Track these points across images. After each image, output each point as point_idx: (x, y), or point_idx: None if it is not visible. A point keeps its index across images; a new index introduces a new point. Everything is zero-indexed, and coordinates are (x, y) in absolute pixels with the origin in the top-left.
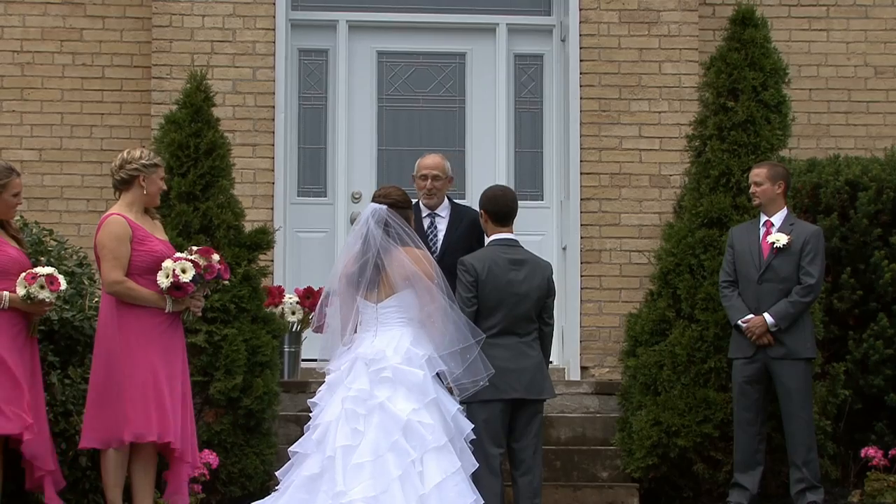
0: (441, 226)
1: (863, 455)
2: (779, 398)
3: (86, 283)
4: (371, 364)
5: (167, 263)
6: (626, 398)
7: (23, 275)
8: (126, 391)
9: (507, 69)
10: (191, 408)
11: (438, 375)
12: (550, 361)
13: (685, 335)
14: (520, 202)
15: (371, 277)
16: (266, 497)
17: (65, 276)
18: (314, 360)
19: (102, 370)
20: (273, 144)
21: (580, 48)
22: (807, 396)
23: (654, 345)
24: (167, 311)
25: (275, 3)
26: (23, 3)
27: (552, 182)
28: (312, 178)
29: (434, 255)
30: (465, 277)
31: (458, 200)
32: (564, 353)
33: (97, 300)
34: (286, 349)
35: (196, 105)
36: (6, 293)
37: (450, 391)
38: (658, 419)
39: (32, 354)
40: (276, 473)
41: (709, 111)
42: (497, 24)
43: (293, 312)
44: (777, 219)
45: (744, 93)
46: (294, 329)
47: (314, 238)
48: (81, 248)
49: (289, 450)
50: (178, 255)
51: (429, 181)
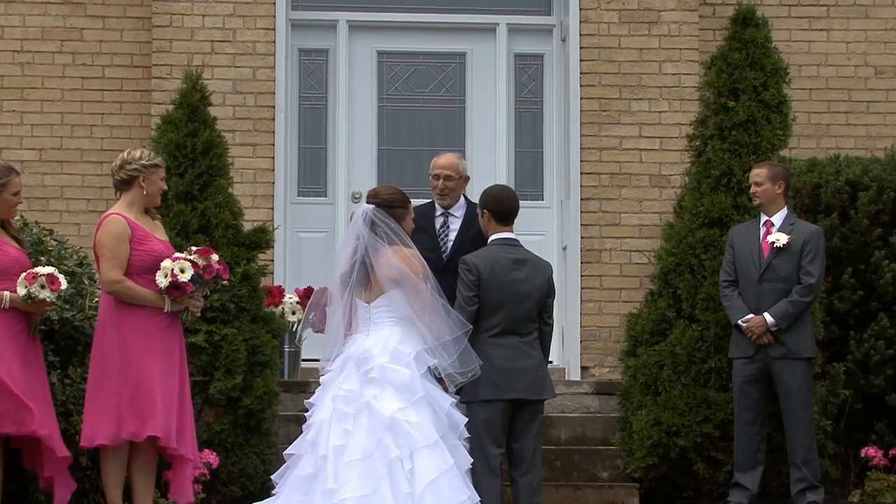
0: (454, 225)
1: (863, 455)
2: (779, 398)
3: (86, 283)
4: (360, 364)
5: (166, 263)
6: (627, 398)
7: (23, 275)
8: (121, 391)
9: (508, 69)
10: (190, 407)
11: (431, 371)
12: (550, 361)
13: (685, 335)
14: (521, 201)
15: (361, 277)
16: (265, 500)
17: (65, 276)
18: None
19: (100, 369)
20: (273, 144)
21: (580, 48)
22: (807, 396)
23: (655, 345)
24: (166, 311)
25: (275, 3)
26: (23, 3)
27: (552, 182)
28: (312, 178)
29: (444, 255)
30: (467, 276)
31: None
32: (565, 353)
33: (97, 300)
34: (286, 349)
35: (192, 105)
36: (7, 293)
37: (441, 383)
38: (658, 419)
39: (36, 354)
40: (272, 477)
41: (709, 111)
42: (497, 24)
43: (293, 312)
44: (777, 219)
45: (744, 93)
46: (294, 329)
47: (314, 238)
48: (82, 248)
49: (284, 452)
50: (177, 255)
51: (441, 181)
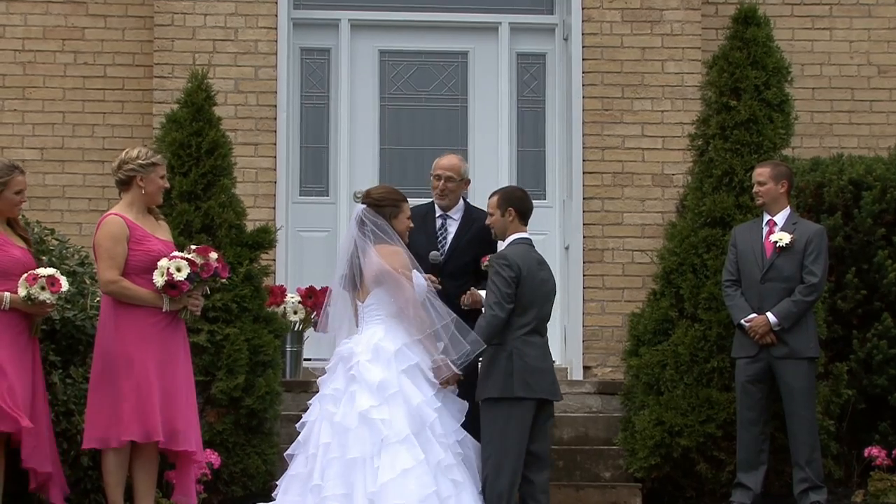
0: (451, 228)
1: (866, 455)
2: (782, 398)
3: (87, 283)
4: (345, 363)
5: (162, 262)
6: (629, 398)
7: (24, 276)
8: (121, 391)
9: (510, 68)
10: (194, 407)
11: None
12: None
13: (688, 335)
14: None
15: (352, 277)
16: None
17: (66, 276)
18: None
19: (100, 369)
20: (275, 143)
21: (583, 47)
22: (810, 396)
23: (657, 344)
24: (164, 311)
25: (277, 2)
26: (24, 2)
27: (554, 181)
28: (314, 178)
29: (441, 258)
30: (507, 273)
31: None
32: (567, 353)
33: (98, 299)
34: (288, 349)
35: (197, 104)
36: (7, 294)
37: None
38: (661, 419)
39: (34, 356)
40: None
41: (711, 110)
42: (499, 23)
43: (295, 312)
44: (780, 218)
45: (746, 92)
46: (296, 328)
47: (316, 237)
48: (83, 248)
49: (286, 454)
50: (175, 254)
51: (441, 182)
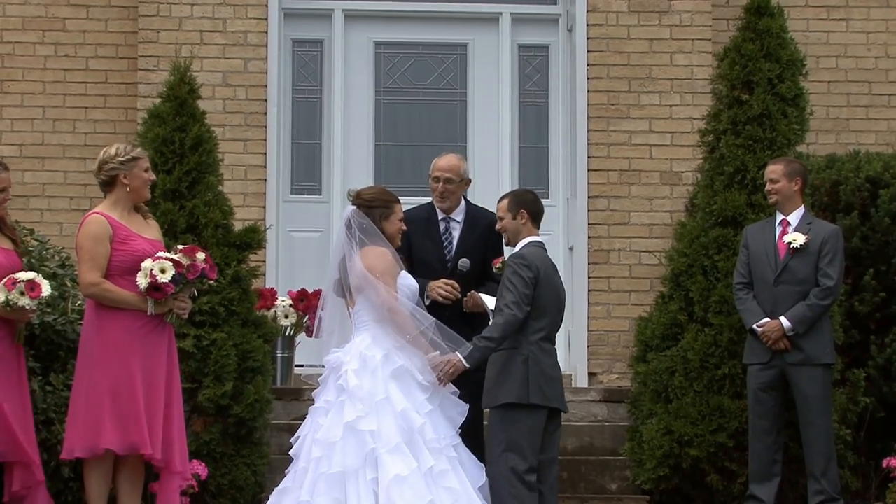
0: (455, 231)
1: (884, 466)
2: (796, 406)
3: (68, 285)
4: (335, 373)
5: (146, 263)
6: (636, 406)
7: (3, 280)
8: (102, 398)
9: (511, 60)
10: (180, 416)
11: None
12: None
13: (698, 340)
14: None
15: (340, 283)
16: None
17: (47, 279)
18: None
19: (82, 376)
20: (265, 139)
21: (587, 38)
22: (826, 404)
23: (666, 350)
24: (149, 314)
25: None
26: None
27: (558, 179)
28: (306, 175)
29: (448, 263)
30: (526, 273)
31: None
32: (571, 359)
33: (80, 303)
34: (278, 354)
35: (181, 98)
36: None
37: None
38: (669, 428)
39: (18, 363)
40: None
41: (722, 104)
42: (500, 14)
43: (286, 316)
44: (794, 217)
45: (759, 85)
46: (287, 333)
47: (308, 238)
48: (64, 249)
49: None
50: (159, 255)
51: (441, 184)
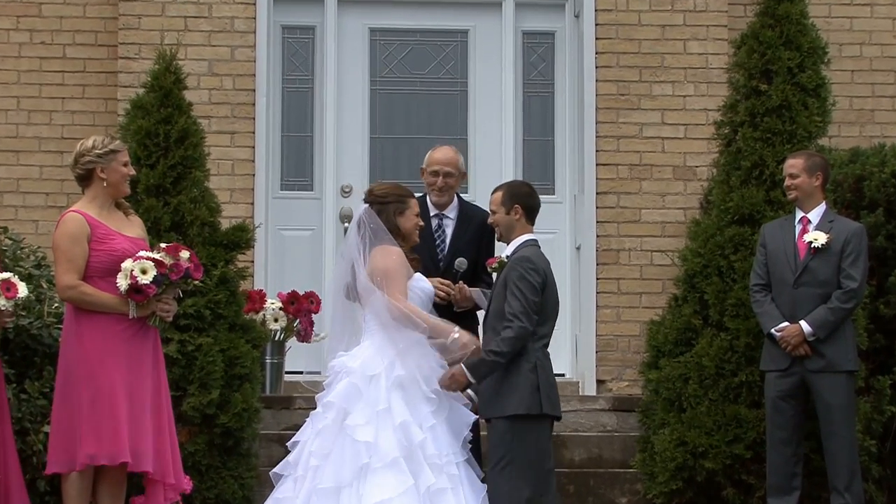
0: (448, 228)
1: None
2: (818, 415)
3: (45, 287)
4: (338, 377)
5: (126, 263)
6: (648, 415)
7: None
8: (82, 408)
9: (515, 48)
10: (171, 424)
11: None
12: (562, 374)
13: (713, 345)
14: None
15: (353, 285)
16: None
17: (22, 280)
18: (299, 373)
19: (62, 384)
20: (253, 132)
21: (596, 25)
22: (849, 413)
23: (679, 356)
24: (131, 317)
25: None
26: None
27: (565, 174)
28: (297, 170)
29: (440, 262)
30: (534, 278)
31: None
32: (579, 365)
33: (57, 305)
34: (268, 360)
35: (165, 88)
36: None
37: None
38: (683, 439)
39: None
40: None
41: (739, 95)
42: None
43: (276, 319)
44: (815, 215)
45: (778, 74)
46: (277, 338)
47: (299, 236)
48: (40, 248)
49: (271, 472)
50: (141, 254)
51: (440, 178)
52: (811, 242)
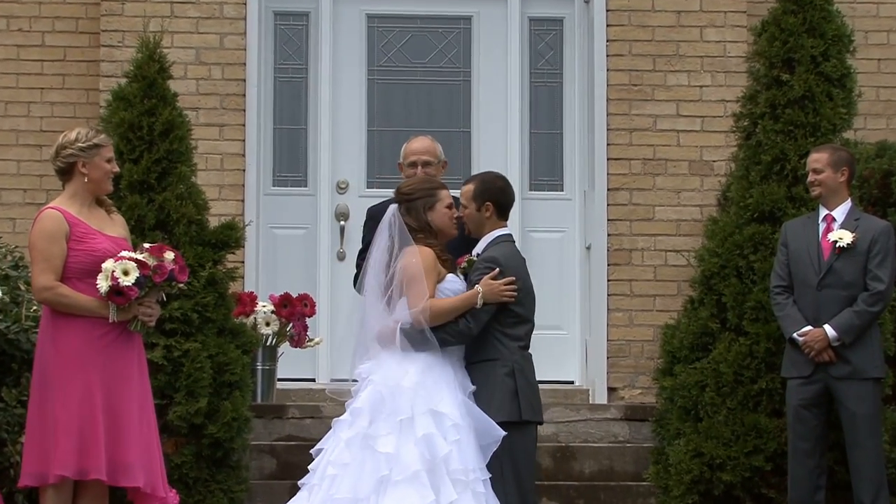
0: None
1: None
2: (842, 425)
3: (22, 289)
4: (364, 384)
5: (107, 264)
6: (662, 425)
7: None
8: (56, 418)
9: (521, 36)
10: (155, 433)
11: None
12: (571, 381)
13: (731, 350)
14: (536, 192)
15: (387, 285)
16: None
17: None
18: (294, 380)
19: (37, 392)
20: (244, 124)
21: (607, 11)
22: (875, 423)
23: (695, 362)
24: (111, 321)
25: None
26: None
27: (574, 170)
28: (290, 165)
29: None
30: (517, 283)
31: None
32: (589, 372)
33: (36, 308)
34: (259, 367)
35: (149, 78)
36: None
37: None
38: (699, 450)
39: None
40: None
41: (759, 85)
42: None
43: (267, 323)
44: (839, 213)
45: (801, 63)
46: (268, 343)
47: (292, 235)
48: (17, 248)
49: (299, 482)
50: (123, 255)
51: (418, 168)
52: (836, 242)
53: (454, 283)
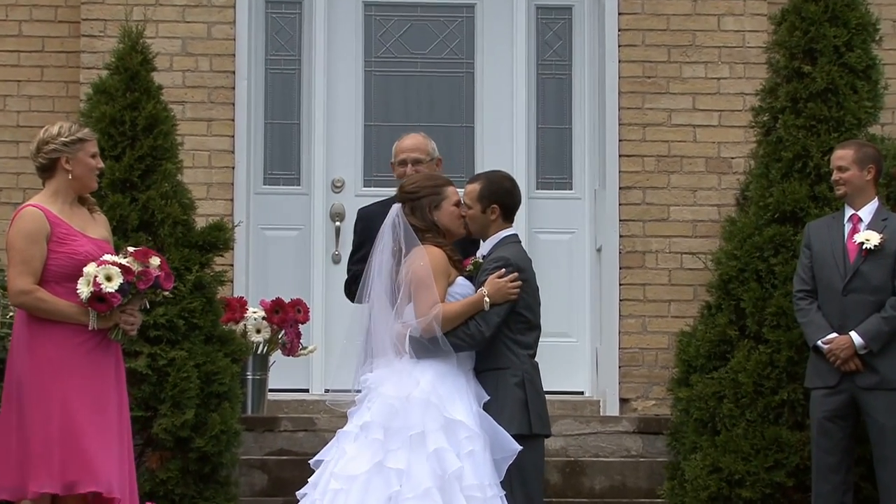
0: None
1: None
2: (870, 438)
3: None
4: (371, 394)
5: (89, 268)
6: (677, 438)
7: None
8: (33, 430)
9: (528, 24)
10: (130, 448)
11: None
12: (581, 392)
13: (751, 359)
14: (544, 191)
15: (393, 291)
16: None
17: None
18: (285, 391)
19: (12, 403)
20: (233, 119)
21: None
22: None
23: (712, 371)
24: (91, 328)
25: None
26: None
27: (583, 167)
28: (282, 162)
29: None
30: (527, 286)
31: None
32: (599, 382)
33: (12, 314)
34: (249, 377)
35: (132, 70)
36: None
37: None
38: (717, 465)
39: None
40: None
41: (780, 77)
42: None
43: (258, 331)
44: (866, 213)
45: (823, 54)
46: (259, 351)
47: (284, 236)
48: None
49: (297, 493)
50: (106, 258)
51: (409, 167)
52: (862, 244)
53: (465, 287)
